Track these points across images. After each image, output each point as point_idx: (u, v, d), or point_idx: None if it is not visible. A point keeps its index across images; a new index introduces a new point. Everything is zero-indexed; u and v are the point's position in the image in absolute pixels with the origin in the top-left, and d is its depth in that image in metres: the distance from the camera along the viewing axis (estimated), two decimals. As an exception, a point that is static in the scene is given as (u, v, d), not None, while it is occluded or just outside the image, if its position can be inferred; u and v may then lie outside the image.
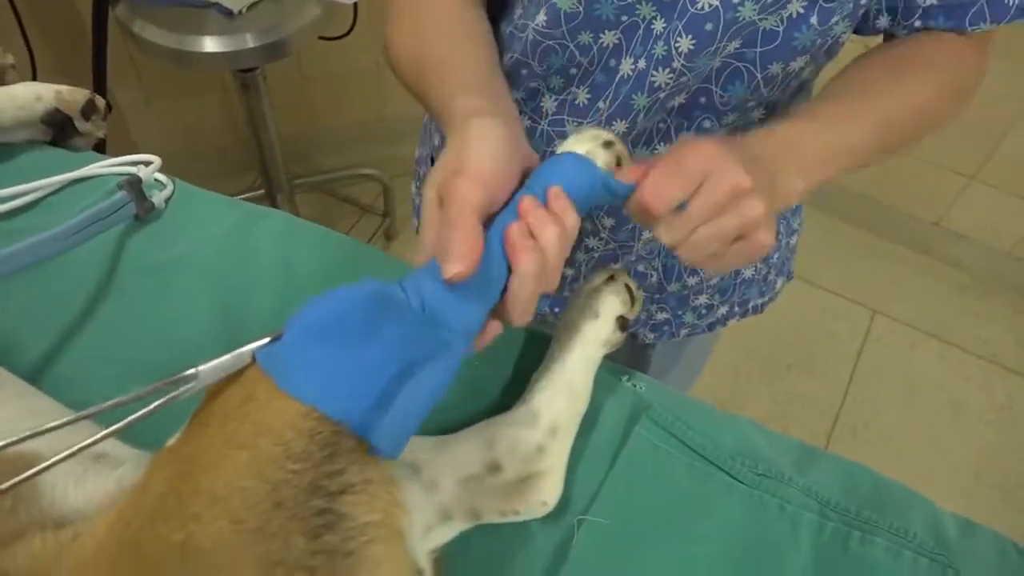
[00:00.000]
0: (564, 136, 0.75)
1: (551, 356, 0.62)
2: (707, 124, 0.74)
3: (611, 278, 0.64)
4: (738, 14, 0.62)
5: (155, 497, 0.40)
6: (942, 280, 2.40)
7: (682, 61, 0.66)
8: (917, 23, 0.69)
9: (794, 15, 0.63)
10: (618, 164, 0.56)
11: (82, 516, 0.45)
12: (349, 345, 0.43)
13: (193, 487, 0.38)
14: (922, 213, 2.39)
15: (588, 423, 0.62)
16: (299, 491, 0.38)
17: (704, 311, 0.95)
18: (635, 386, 0.66)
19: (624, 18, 0.67)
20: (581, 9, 0.67)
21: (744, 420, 0.67)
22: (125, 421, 0.42)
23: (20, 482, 0.40)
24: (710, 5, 0.62)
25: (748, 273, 0.93)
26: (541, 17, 0.69)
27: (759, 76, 0.68)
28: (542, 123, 0.77)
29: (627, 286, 0.63)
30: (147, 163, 0.75)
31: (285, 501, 0.38)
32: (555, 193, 0.51)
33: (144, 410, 0.42)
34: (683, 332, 0.98)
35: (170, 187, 0.76)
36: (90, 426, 0.53)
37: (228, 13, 1.52)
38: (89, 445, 0.42)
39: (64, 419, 0.42)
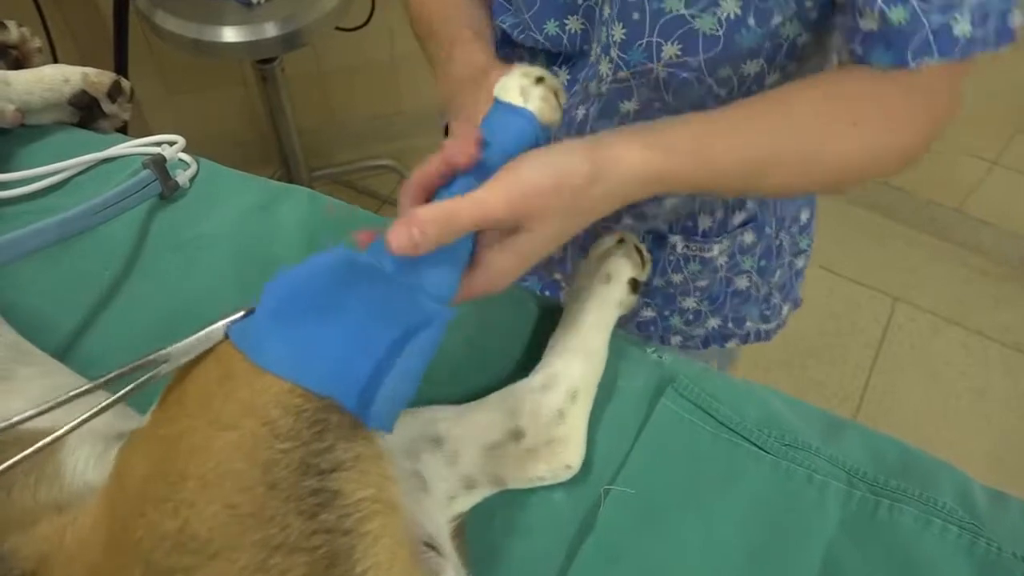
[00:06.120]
0: None
1: (566, 321, 0.62)
2: None
3: (621, 241, 0.64)
4: (663, 4, 0.60)
5: (138, 480, 0.39)
6: (964, 266, 2.38)
7: (617, 51, 0.65)
8: (858, 49, 0.58)
9: (731, 16, 0.60)
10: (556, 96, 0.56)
11: (92, 495, 0.44)
12: (326, 317, 0.42)
13: (180, 471, 0.37)
14: (943, 199, 2.37)
15: (613, 394, 0.63)
16: (290, 471, 0.37)
17: (692, 317, 0.91)
18: (659, 357, 0.66)
19: (579, 1, 0.66)
20: None
21: (769, 391, 0.67)
22: (95, 409, 0.41)
23: (14, 464, 0.40)
24: None
25: (742, 284, 0.89)
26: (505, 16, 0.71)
27: (710, 80, 0.66)
28: None
29: (636, 248, 0.64)
30: (172, 143, 0.76)
31: (278, 483, 0.37)
32: None
33: (116, 395, 0.41)
34: (674, 340, 0.94)
35: (194, 166, 0.77)
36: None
37: (247, 3, 1.54)
38: (56, 439, 0.41)
39: (55, 400, 0.41)
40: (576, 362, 0.59)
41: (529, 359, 0.63)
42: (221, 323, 0.43)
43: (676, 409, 0.62)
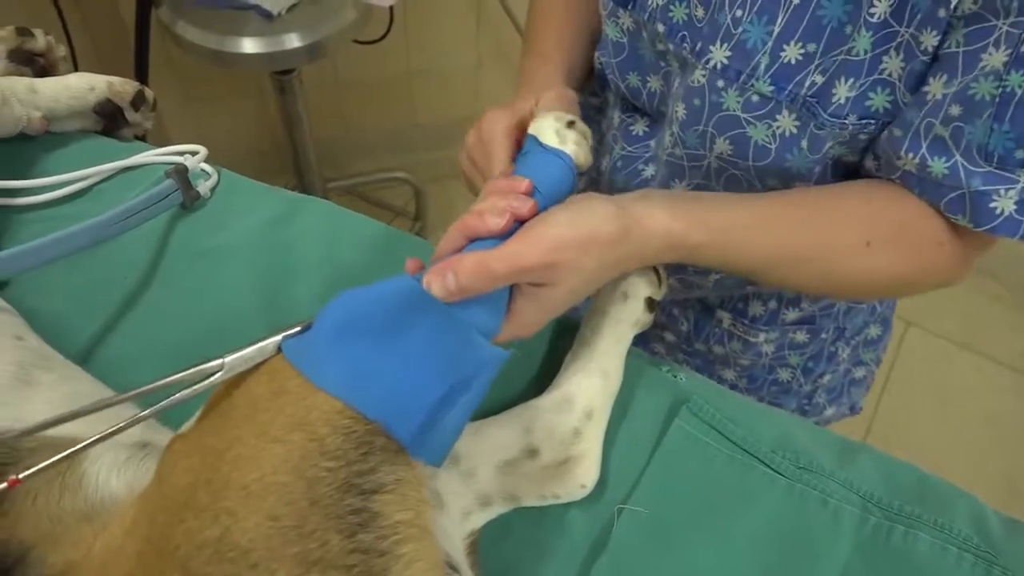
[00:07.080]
0: (609, 147, 0.77)
1: (582, 340, 0.62)
2: None
3: None
4: (722, 100, 0.61)
5: (181, 489, 0.39)
6: (976, 291, 2.37)
7: (677, 128, 0.66)
8: (894, 177, 0.60)
9: (786, 133, 0.60)
10: (587, 141, 0.60)
11: (118, 504, 0.45)
12: (385, 343, 0.43)
13: (224, 480, 0.38)
14: (957, 223, 2.35)
15: (628, 414, 0.63)
16: (333, 489, 0.38)
17: (728, 388, 0.90)
18: (675, 377, 0.66)
19: (662, 64, 0.68)
20: (626, 42, 0.68)
21: (784, 414, 0.66)
22: (143, 413, 0.42)
23: (37, 472, 0.39)
24: (698, 82, 0.62)
25: (784, 376, 0.89)
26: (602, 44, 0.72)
27: (759, 186, 0.67)
28: (607, 133, 0.78)
29: (654, 268, 0.64)
30: (194, 153, 0.76)
31: (321, 499, 0.38)
32: None
33: (165, 401, 0.42)
34: None
35: (215, 177, 0.77)
36: (131, 410, 0.53)
37: (267, 15, 1.55)
38: (92, 444, 0.41)
39: (89, 404, 0.41)
40: (592, 381, 0.59)
41: (544, 377, 0.63)
42: (276, 337, 0.43)
43: (690, 430, 0.62)
